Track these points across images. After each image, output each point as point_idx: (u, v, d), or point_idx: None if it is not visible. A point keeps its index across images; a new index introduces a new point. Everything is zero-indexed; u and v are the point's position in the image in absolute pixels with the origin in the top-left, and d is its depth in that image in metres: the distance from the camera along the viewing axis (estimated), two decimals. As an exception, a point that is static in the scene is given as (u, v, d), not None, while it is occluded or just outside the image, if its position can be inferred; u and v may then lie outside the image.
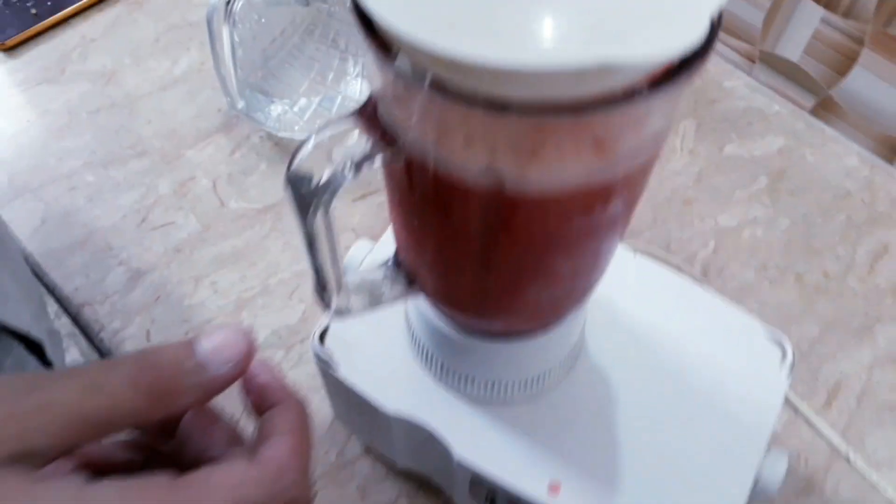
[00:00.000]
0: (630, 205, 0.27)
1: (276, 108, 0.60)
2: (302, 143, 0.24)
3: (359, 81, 0.59)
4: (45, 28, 0.68)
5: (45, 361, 0.40)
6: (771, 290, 0.55)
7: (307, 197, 0.24)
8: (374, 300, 0.32)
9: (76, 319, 0.55)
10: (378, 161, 0.24)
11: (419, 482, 0.48)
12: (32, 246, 0.57)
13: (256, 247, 0.58)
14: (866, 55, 0.58)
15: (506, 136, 0.21)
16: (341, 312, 0.31)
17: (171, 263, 0.57)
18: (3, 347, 0.37)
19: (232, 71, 0.56)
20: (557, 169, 0.22)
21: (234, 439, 0.26)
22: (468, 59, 0.18)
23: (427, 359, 0.39)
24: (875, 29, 0.56)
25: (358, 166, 0.24)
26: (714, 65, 0.67)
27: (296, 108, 0.59)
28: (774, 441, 0.40)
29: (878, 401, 0.52)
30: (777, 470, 0.38)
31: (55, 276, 0.56)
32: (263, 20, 0.56)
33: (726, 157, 0.62)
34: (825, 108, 0.63)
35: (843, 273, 0.57)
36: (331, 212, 0.26)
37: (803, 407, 0.51)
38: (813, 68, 0.62)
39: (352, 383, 0.40)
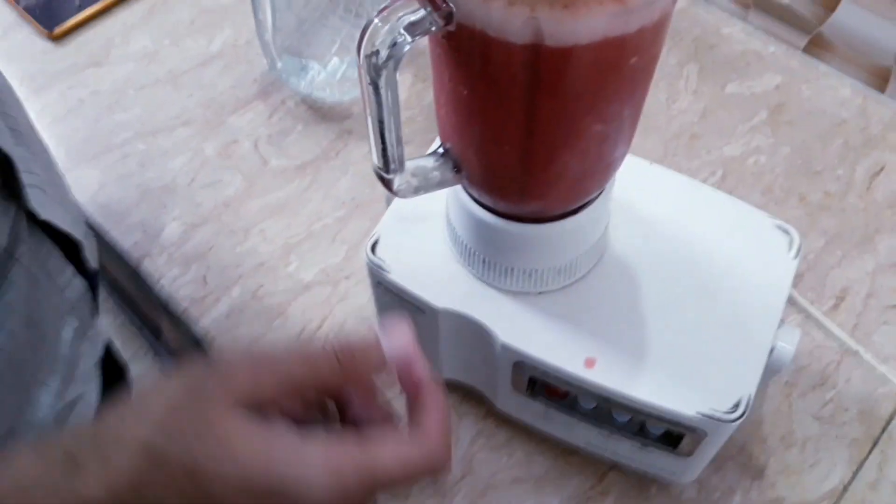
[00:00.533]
0: (645, 67, 0.32)
1: (310, 71, 0.65)
2: (371, 19, 0.29)
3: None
4: (89, 17, 0.74)
5: (81, 263, 0.45)
6: (777, 209, 0.60)
7: (378, 63, 0.29)
8: (427, 184, 0.37)
9: (135, 272, 0.60)
10: (434, 27, 0.29)
11: (463, 394, 0.52)
12: (92, 208, 0.62)
13: (299, 198, 0.62)
14: (852, -10, 0.62)
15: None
16: (401, 192, 0.36)
17: (221, 216, 0.62)
18: (47, 250, 0.41)
19: (271, 36, 0.61)
20: (585, 17, 0.26)
21: (387, 412, 0.33)
22: None
23: (469, 257, 0.44)
24: (858, -37, 0.61)
25: (415, 33, 0.28)
26: (711, 13, 0.72)
27: (328, 69, 0.65)
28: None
29: (883, 303, 0.56)
30: (790, 340, 0.43)
31: (115, 234, 0.61)
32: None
33: (728, 94, 0.67)
34: (817, 45, 0.68)
35: (843, 191, 0.61)
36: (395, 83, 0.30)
37: (813, 310, 0.55)
38: (803, 7, 0.67)
39: (402, 285, 0.44)
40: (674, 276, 0.44)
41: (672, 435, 0.42)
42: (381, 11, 0.28)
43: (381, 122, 0.32)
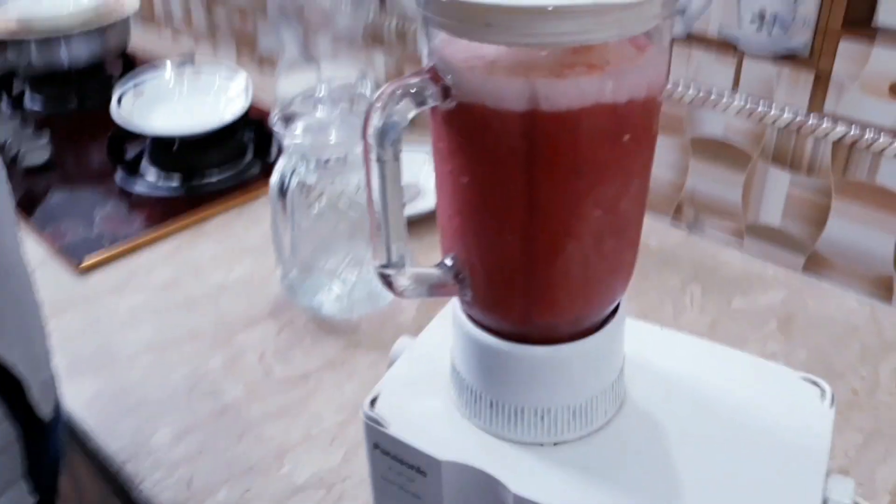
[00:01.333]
0: (640, 153, 0.33)
1: (319, 291, 0.67)
2: (381, 90, 0.31)
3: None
4: (116, 254, 0.78)
5: (20, 407, 0.41)
6: (805, 408, 0.56)
7: (382, 134, 0.31)
8: (429, 289, 0.36)
9: (116, 478, 0.56)
10: (437, 101, 0.31)
11: None
12: (83, 414, 0.59)
13: (300, 403, 0.60)
14: (836, 205, 0.66)
15: (541, 63, 0.28)
16: (404, 291, 0.35)
17: (216, 422, 0.58)
18: None
19: (288, 258, 0.64)
20: (575, 86, 0.29)
21: None
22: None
23: (476, 404, 0.40)
24: (837, 178, 0.65)
25: (417, 103, 0.30)
26: (707, 244, 0.75)
27: (336, 289, 0.66)
28: None
29: (944, 498, 0.50)
30: (843, 493, 0.38)
31: (101, 439, 0.58)
32: (314, 210, 0.66)
33: (735, 309, 0.67)
34: (815, 263, 0.70)
35: (870, 389, 0.58)
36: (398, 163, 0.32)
37: (867, 506, 0.49)
38: (794, 228, 0.70)
39: (401, 438, 0.41)
40: (703, 431, 0.41)
41: None
42: (385, 88, 0.30)
43: (385, 208, 0.33)
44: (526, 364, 0.38)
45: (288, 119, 0.64)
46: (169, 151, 0.91)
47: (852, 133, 0.63)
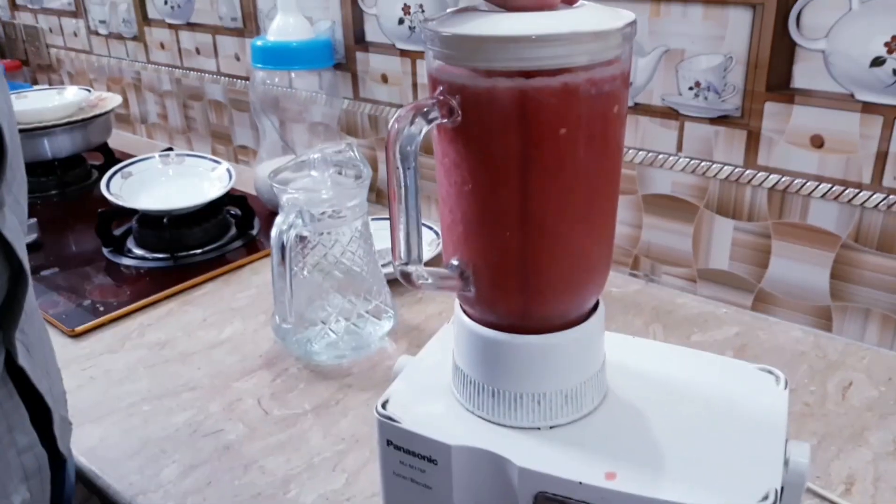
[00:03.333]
0: (607, 146, 0.40)
1: (314, 341, 0.71)
2: (399, 113, 0.38)
3: (375, 324, 0.73)
4: (108, 320, 0.81)
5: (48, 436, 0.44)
6: (764, 419, 0.62)
7: (403, 146, 0.37)
8: (437, 285, 0.42)
9: (126, 515, 0.58)
10: (444, 119, 0.38)
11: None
12: (89, 457, 0.62)
13: (300, 438, 0.63)
14: (776, 245, 0.74)
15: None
16: (422, 284, 0.41)
17: (221, 457, 0.61)
18: (15, 403, 0.41)
19: (288, 298, 0.68)
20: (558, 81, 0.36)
21: None
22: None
23: (478, 396, 0.45)
24: (774, 222, 0.74)
25: (431, 122, 0.38)
26: (663, 290, 0.82)
27: (328, 337, 0.71)
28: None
29: (893, 484, 0.55)
30: (801, 454, 0.43)
31: (109, 478, 0.60)
32: (309, 262, 0.71)
33: (694, 342, 0.73)
34: (762, 301, 0.77)
35: (820, 402, 0.64)
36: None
37: (829, 494, 0.54)
38: (741, 271, 0.78)
39: (414, 430, 0.45)
40: (679, 414, 0.46)
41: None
42: (402, 110, 0.37)
43: (406, 211, 0.39)
44: (523, 352, 0.44)
45: (283, 182, 0.71)
46: (156, 228, 0.96)
47: (783, 180, 0.72)
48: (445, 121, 0.39)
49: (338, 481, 0.59)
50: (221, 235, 1.00)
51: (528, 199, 0.39)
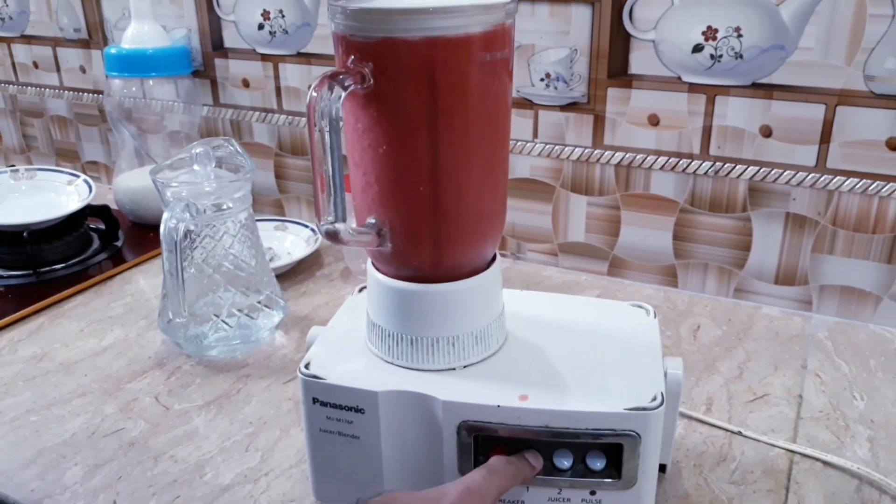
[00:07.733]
0: (497, 99, 0.46)
1: (207, 337, 0.72)
2: (315, 83, 0.41)
3: (268, 314, 0.74)
4: (-26, 340, 0.77)
5: None
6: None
7: (321, 111, 0.41)
8: (359, 241, 0.45)
9: (30, 523, 0.56)
10: (357, 86, 0.42)
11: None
12: (-20, 472, 0.59)
13: (206, 427, 0.64)
14: (625, 216, 0.84)
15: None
16: (348, 240, 0.44)
17: (127, 454, 0.61)
18: None
19: (182, 293, 0.68)
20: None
21: None
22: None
23: (396, 347, 0.49)
24: (622, 194, 0.83)
25: (346, 88, 0.41)
26: (529, 265, 0.90)
27: (220, 333, 0.72)
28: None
29: (743, 400, 0.65)
30: (676, 366, 0.51)
31: (5, 489, 0.57)
32: (197, 257, 0.71)
33: (565, 306, 0.81)
34: (617, 266, 0.87)
35: (676, 343, 0.74)
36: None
37: (693, 413, 0.63)
38: (596, 241, 0.87)
39: (340, 383, 0.48)
40: (570, 345, 0.52)
41: (613, 459, 0.46)
42: (319, 78, 0.41)
43: (332, 172, 0.42)
44: (437, 299, 0.48)
45: (165, 181, 0.71)
46: (14, 244, 0.91)
47: (627, 156, 0.82)
48: (358, 86, 0.43)
49: (253, 459, 0.60)
50: (84, 249, 0.96)
51: (437, 154, 0.44)
